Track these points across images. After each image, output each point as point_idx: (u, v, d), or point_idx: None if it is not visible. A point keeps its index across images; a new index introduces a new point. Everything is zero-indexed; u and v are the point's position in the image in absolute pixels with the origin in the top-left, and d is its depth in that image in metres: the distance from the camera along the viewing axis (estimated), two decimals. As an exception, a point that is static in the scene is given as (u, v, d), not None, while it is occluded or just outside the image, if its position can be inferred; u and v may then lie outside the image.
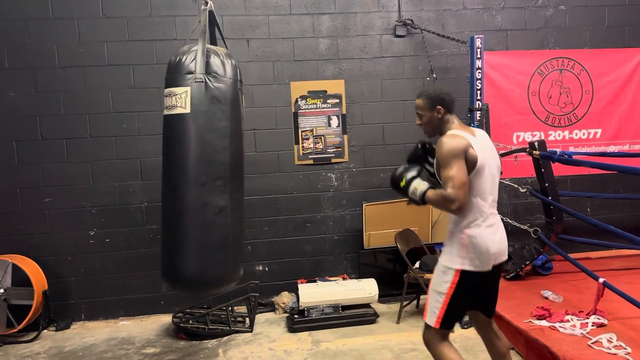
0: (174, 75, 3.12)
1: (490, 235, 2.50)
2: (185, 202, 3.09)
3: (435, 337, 2.57)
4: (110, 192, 4.70)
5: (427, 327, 2.59)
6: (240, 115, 3.36)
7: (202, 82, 3.05)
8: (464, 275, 2.47)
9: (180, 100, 3.05)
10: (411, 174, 2.63)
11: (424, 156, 2.69)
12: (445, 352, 2.53)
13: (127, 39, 4.63)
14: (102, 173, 4.68)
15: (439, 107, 2.59)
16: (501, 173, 2.71)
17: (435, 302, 2.53)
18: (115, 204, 4.71)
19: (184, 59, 3.12)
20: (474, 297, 2.59)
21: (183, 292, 4.14)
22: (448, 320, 2.52)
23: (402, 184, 2.61)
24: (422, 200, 2.52)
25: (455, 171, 2.36)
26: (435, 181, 2.60)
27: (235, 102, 3.22)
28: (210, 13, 3.38)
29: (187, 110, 3.07)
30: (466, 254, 2.48)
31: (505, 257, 2.63)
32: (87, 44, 4.60)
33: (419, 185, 2.55)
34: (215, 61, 3.13)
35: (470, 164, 2.42)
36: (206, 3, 3.31)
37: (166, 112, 3.16)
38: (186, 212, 3.09)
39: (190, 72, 3.08)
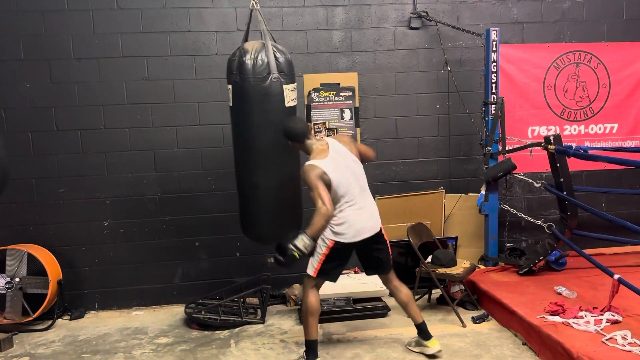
0: (291, 72, 3.73)
1: (358, 216, 3.38)
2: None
3: (311, 283, 3.46)
4: (124, 183, 4.73)
5: (307, 276, 3.47)
6: None
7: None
8: (335, 244, 3.35)
9: (293, 95, 3.74)
10: (293, 249, 3.19)
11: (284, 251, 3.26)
12: (310, 295, 3.45)
13: (142, 31, 4.64)
14: (116, 164, 4.71)
15: (289, 142, 3.51)
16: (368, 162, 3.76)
17: (315, 259, 3.41)
18: (129, 195, 4.75)
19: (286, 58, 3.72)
20: (343, 260, 3.49)
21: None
22: (322, 273, 3.42)
23: (299, 254, 3.19)
24: (311, 240, 3.22)
25: (320, 189, 3.21)
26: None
27: None
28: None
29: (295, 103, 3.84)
30: (339, 230, 3.34)
31: (374, 231, 3.46)
32: (102, 35, 4.61)
33: (300, 239, 3.20)
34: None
35: (327, 184, 3.26)
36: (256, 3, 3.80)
37: (294, 103, 3.79)
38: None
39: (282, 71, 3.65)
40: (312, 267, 3.42)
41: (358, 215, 3.39)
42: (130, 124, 4.70)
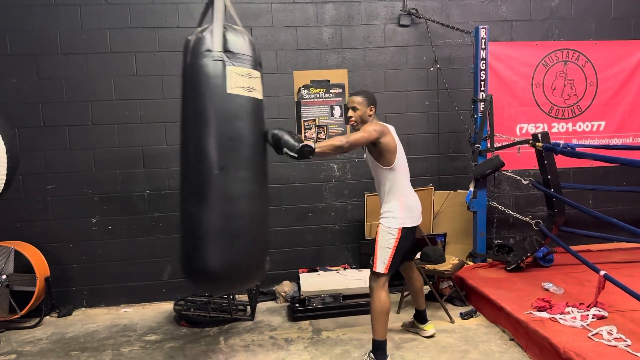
0: (247, 56, 2.88)
1: (415, 197, 3.38)
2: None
3: (381, 280, 3.30)
4: (112, 179, 4.70)
5: (377, 275, 3.30)
6: None
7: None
8: (402, 232, 3.26)
9: (245, 82, 2.87)
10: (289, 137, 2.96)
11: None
12: (382, 293, 3.29)
13: (130, 26, 4.61)
14: (105, 160, 4.68)
15: (372, 106, 3.37)
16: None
17: (384, 254, 3.27)
18: (117, 192, 4.72)
19: (242, 39, 2.90)
20: (407, 246, 3.39)
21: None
22: (392, 267, 3.29)
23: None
24: (315, 151, 2.97)
25: (360, 133, 3.15)
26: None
27: None
28: None
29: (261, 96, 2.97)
30: (405, 215, 3.27)
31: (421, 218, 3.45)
32: (90, 30, 4.58)
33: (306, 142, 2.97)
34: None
35: (391, 146, 3.23)
36: None
37: (246, 93, 2.85)
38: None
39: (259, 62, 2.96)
40: (383, 264, 3.28)
41: (415, 197, 3.40)
42: (119, 120, 4.67)
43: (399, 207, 3.28)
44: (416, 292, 3.77)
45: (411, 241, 3.47)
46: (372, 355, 3.35)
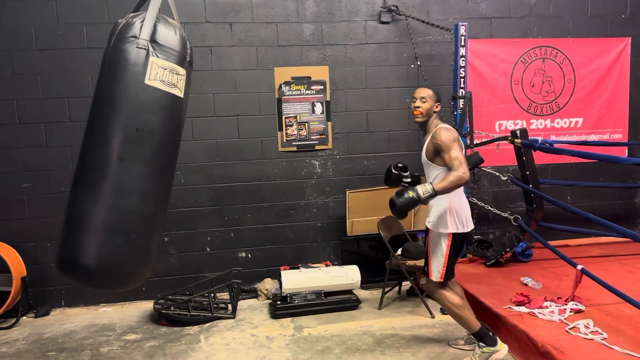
0: (175, 51, 2.79)
1: (466, 203, 3.22)
2: None
3: (439, 287, 3.20)
4: (90, 177, 4.63)
5: (434, 284, 3.21)
6: None
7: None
8: (454, 237, 3.11)
9: (166, 76, 2.76)
10: (411, 190, 2.87)
11: (399, 176, 3.32)
12: (447, 295, 3.19)
13: (107, 21, 4.53)
14: (82, 158, 4.60)
15: (439, 103, 3.25)
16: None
17: (438, 263, 3.15)
18: (95, 190, 4.64)
19: (174, 33, 2.80)
20: (461, 251, 3.29)
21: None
22: (447, 275, 3.17)
23: (415, 197, 2.84)
24: (434, 191, 2.85)
25: (458, 152, 2.95)
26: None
27: None
28: None
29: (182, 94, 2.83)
30: (458, 219, 3.10)
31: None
32: (66, 25, 4.49)
33: (426, 190, 2.87)
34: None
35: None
36: None
37: (165, 88, 2.75)
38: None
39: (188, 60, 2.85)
40: (438, 273, 3.16)
41: (465, 202, 3.23)
42: (97, 117, 4.59)
43: (454, 210, 3.11)
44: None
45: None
46: (481, 344, 3.22)
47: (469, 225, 3.16)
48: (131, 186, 2.65)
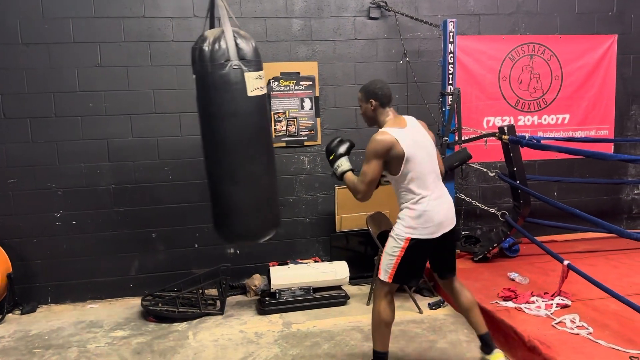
0: (256, 60, 3.37)
1: (436, 207, 2.90)
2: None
3: (383, 289, 3.00)
4: (76, 173, 4.59)
5: (380, 282, 3.01)
6: None
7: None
8: (412, 242, 2.87)
9: (259, 83, 3.37)
10: (342, 149, 3.08)
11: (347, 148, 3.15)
12: (382, 303, 2.99)
13: (94, 15, 4.48)
14: (68, 154, 4.56)
15: (371, 100, 2.97)
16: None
17: (387, 262, 2.94)
18: (82, 186, 4.60)
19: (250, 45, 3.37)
20: (423, 260, 3.03)
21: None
22: (398, 278, 2.95)
23: (332, 157, 3.05)
24: (341, 178, 3.03)
25: (370, 169, 2.83)
26: None
27: None
28: None
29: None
30: (415, 224, 2.87)
31: (452, 224, 3.00)
32: (52, 20, 4.43)
33: (343, 164, 3.04)
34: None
35: (397, 158, 2.81)
36: None
37: (260, 92, 3.38)
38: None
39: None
40: (386, 272, 2.94)
41: (437, 205, 2.89)
42: (83, 112, 4.55)
43: (409, 215, 2.90)
44: (466, 310, 3.14)
45: (446, 255, 3.11)
46: None
47: (436, 232, 2.89)
48: (260, 172, 3.42)
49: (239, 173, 3.35)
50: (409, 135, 2.88)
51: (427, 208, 2.86)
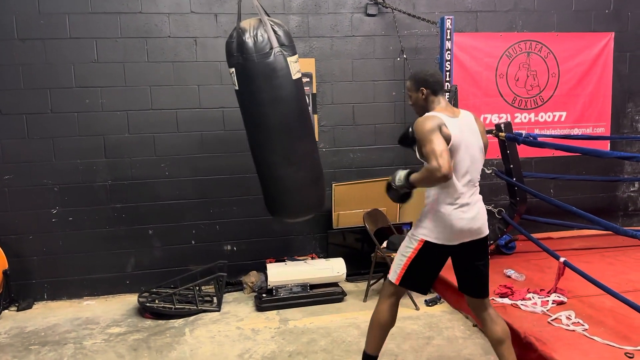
0: (292, 44, 3.58)
1: (461, 213, 2.61)
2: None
3: (389, 290, 2.82)
4: (73, 169, 4.57)
5: (388, 282, 2.84)
6: None
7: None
8: (425, 245, 2.66)
9: (297, 66, 3.62)
10: (397, 174, 2.72)
11: (413, 139, 2.66)
12: (384, 304, 2.83)
13: (90, 11, 4.47)
14: (65, 150, 4.54)
15: (422, 88, 2.72)
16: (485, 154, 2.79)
17: (398, 262, 2.77)
18: (78, 182, 4.59)
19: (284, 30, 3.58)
20: (436, 268, 2.78)
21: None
22: (407, 281, 2.75)
23: (390, 179, 2.74)
24: (407, 181, 2.61)
25: (435, 144, 2.44)
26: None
27: None
28: None
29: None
30: (433, 227, 2.64)
31: (477, 236, 2.69)
32: (48, 15, 4.41)
33: (400, 172, 2.68)
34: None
35: (446, 140, 2.50)
36: None
37: (299, 75, 3.64)
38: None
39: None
40: (395, 273, 2.75)
41: (462, 212, 2.60)
42: (79, 108, 4.53)
43: (429, 215, 2.67)
44: (497, 341, 2.72)
45: (470, 271, 2.78)
46: None
47: (453, 240, 2.63)
48: (311, 150, 3.76)
49: (293, 155, 3.59)
50: (459, 126, 2.59)
51: (450, 212, 2.59)
